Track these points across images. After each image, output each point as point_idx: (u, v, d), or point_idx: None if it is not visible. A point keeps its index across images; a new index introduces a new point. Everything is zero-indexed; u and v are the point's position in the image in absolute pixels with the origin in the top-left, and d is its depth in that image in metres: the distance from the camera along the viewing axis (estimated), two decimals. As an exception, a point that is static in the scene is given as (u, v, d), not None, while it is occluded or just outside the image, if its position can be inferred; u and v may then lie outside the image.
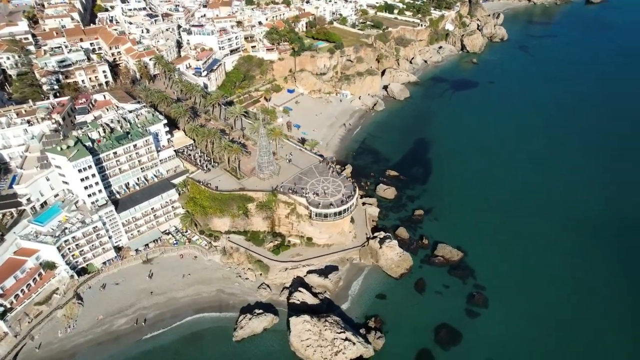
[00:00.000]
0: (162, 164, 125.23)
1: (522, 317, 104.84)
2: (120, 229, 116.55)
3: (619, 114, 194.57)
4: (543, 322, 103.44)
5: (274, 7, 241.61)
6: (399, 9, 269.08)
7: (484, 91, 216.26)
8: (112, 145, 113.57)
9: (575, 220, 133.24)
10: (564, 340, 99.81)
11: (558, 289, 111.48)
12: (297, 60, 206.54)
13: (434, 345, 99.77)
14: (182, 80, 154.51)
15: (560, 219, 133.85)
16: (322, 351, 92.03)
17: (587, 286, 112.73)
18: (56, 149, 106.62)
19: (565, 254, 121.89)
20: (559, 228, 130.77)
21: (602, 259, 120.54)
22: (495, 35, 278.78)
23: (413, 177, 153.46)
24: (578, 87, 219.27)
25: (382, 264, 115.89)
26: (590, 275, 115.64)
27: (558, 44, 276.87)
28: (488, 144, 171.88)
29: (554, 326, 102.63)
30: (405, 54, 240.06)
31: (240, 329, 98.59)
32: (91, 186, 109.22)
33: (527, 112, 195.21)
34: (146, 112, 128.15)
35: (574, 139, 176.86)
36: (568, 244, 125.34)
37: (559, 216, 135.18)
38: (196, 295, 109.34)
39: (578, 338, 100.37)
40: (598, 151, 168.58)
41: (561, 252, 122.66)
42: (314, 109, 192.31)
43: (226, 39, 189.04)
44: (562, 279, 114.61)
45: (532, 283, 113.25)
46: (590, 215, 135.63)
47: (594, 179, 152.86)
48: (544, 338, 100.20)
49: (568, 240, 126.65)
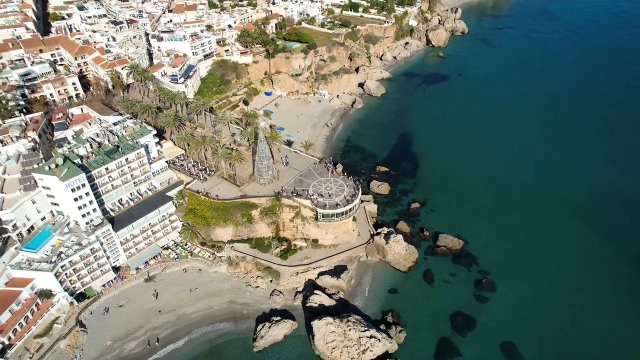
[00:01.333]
0: (154, 176, 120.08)
1: (529, 296, 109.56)
2: (118, 248, 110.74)
3: (580, 95, 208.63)
4: (549, 298, 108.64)
5: (241, 9, 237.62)
6: (363, 7, 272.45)
7: (455, 83, 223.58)
8: (102, 160, 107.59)
9: (561, 198, 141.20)
10: (572, 312, 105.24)
11: (558, 265, 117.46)
12: (272, 62, 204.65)
13: (451, 333, 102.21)
14: (162, 88, 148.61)
15: (547, 198, 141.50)
16: (349, 351, 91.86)
17: (584, 259, 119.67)
18: (43, 168, 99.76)
19: (558, 231, 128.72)
20: (547, 206, 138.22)
21: (594, 232, 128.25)
22: (457, 29, 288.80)
23: (403, 172, 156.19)
24: (540, 74, 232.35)
25: (390, 259, 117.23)
26: (585, 249, 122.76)
27: (515, 35, 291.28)
28: (467, 133, 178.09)
29: (560, 301, 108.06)
30: (375, 51, 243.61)
31: (261, 339, 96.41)
32: (85, 206, 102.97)
33: (498, 100, 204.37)
34: (132, 124, 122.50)
35: (545, 120, 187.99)
36: (559, 220, 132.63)
37: (546, 195, 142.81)
38: (207, 309, 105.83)
39: (584, 307, 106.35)
40: (571, 129, 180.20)
41: (554, 229, 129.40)
42: (295, 110, 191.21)
43: (199, 44, 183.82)
44: (560, 255, 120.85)
45: (532, 262, 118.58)
46: (574, 191, 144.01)
47: (571, 157, 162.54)
48: (553, 313, 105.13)
49: (558, 216, 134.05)
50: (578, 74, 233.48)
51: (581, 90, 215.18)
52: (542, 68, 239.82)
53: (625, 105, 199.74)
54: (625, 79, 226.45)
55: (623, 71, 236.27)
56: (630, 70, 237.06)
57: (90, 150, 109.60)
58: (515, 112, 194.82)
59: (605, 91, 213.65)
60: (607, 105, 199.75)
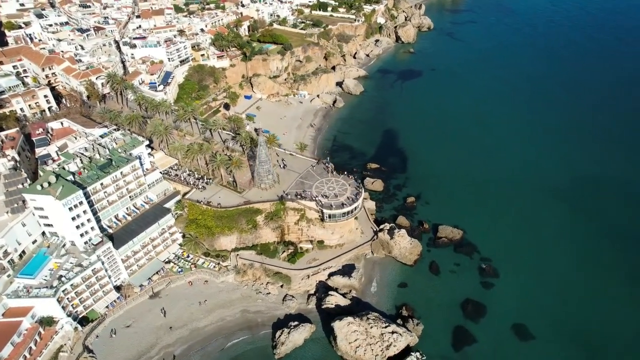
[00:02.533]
0: (150, 189, 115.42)
1: (531, 278, 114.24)
2: (120, 266, 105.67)
3: (543, 83, 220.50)
4: (550, 279, 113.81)
5: (211, 12, 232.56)
6: (332, 6, 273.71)
7: (429, 78, 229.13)
8: (97, 175, 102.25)
9: (544, 182, 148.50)
10: (574, 290, 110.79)
11: (554, 247, 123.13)
12: (249, 65, 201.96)
13: (464, 320, 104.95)
14: (145, 97, 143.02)
15: (532, 183, 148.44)
16: (373, 349, 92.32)
17: (577, 239, 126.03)
18: (34, 188, 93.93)
19: (548, 214, 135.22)
20: (533, 191, 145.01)
21: (581, 212, 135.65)
22: (423, 25, 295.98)
23: (393, 167, 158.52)
24: (506, 65, 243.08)
25: (396, 253, 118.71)
26: (575, 230, 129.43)
27: (477, 29, 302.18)
28: (448, 125, 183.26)
29: (561, 280, 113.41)
30: (348, 50, 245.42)
31: (282, 345, 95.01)
32: (83, 224, 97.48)
33: (473, 92, 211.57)
34: (122, 135, 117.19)
35: (515, 108, 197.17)
36: (547, 203, 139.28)
37: (531, 180, 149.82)
38: (220, 320, 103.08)
39: (584, 284, 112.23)
40: (541, 117, 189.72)
41: (544, 212, 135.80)
42: (277, 113, 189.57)
43: (174, 50, 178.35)
44: (554, 237, 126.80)
45: (529, 246, 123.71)
46: (556, 175, 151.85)
47: (549, 143, 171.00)
48: (556, 292, 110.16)
49: (545, 200, 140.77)
50: (538, 64, 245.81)
51: (544, 79, 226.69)
52: (507, 59, 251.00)
53: (583, 92, 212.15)
54: (578, 67, 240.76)
55: (576, 59, 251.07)
56: (581, 57, 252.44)
57: (81, 165, 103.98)
58: (490, 102, 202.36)
59: (563, 79, 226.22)
60: (569, 93, 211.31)
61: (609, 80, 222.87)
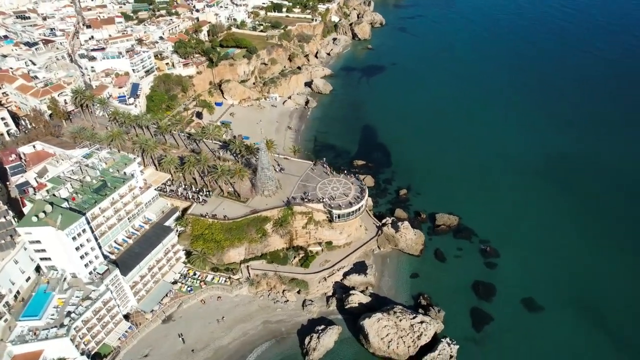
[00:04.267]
0: (147, 207, 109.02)
1: (530, 253, 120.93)
2: (128, 294, 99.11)
3: (508, 65, 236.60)
4: (548, 251, 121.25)
5: (166, 19, 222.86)
6: (286, 7, 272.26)
7: (392, 72, 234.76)
8: (93, 199, 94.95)
9: (522, 161, 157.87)
10: (571, 258, 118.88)
11: (545, 220, 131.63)
12: (215, 71, 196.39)
13: (479, 302, 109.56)
14: (123, 112, 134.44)
15: (511, 163, 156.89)
16: (405, 341, 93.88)
17: (561, 210, 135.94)
18: (29, 220, 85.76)
19: (532, 190, 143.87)
20: (514, 171, 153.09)
21: (562, 186, 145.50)
22: (375, 21, 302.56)
23: (379, 162, 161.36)
24: (462, 52, 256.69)
25: (402, 246, 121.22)
26: (560, 202, 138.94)
27: (427, 23, 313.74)
28: (420, 116, 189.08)
29: (557, 251, 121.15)
30: (309, 50, 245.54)
31: (314, 351, 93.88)
32: (87, 254, 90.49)
33: (437, 82, 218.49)
34: (109, 154, 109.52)
35: (484, 93, 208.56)
36: (530, 181, 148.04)
37: (509, 160, 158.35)
38: (243, 335, 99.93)
39: (580, 252, 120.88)
40: (502, 100, 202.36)
41: (528, 190, 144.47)
42: (252, 118, 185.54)
43: (139, 60, 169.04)
44: (542, 211, 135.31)
45: (522, 223, 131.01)
46: (532, 154, 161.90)
47: (518, 124, 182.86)
48: (555, 263, 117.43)
49: (528, 178, 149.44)
50: (489, 51, 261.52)
51: (499, 66, 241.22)
52: (461, 50, 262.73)
53: (533, 75, 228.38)
54: (528, 52, 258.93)
55: (523, 45, 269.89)
56: (528, 44, 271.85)
57: (72, 190, 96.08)
58: (455, 91, 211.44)
59: (515, 63, 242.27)
60: (526, 76, 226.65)
61: (554, 63, 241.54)
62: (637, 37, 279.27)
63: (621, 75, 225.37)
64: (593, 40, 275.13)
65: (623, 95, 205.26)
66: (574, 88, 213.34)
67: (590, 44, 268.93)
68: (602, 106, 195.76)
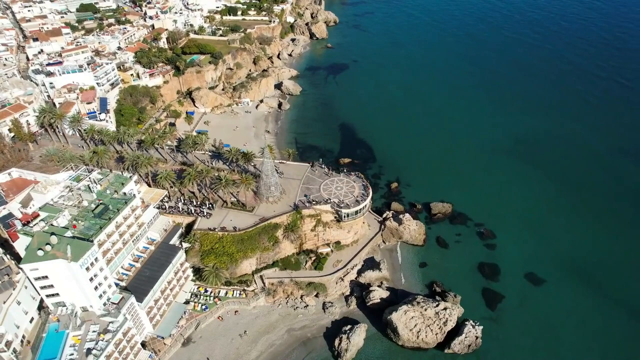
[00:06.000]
0: (149, 227, 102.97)
1: (523, 230, 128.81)
2: (144, 321, 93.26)
3: (460, 55, 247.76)
4: (540, 226, 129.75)
5: (119, 28, 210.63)
6: (241, 9, 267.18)
7: (355, 69, 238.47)
8: (98, 225, 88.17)
9: (495, 143, 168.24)
10: (563, 230, 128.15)
11: (526, 197, 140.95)
12: (182, 80, 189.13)
13: (487, 282, 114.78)
14: (102, 129, 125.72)
15: (488, 147, 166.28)
16: (432, 329, 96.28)
17: (542, 185, 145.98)
18: (34, 255, 78.26)
19: (511, 170, 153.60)
20: (493, 154, 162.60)
21: (536, 164, 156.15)
22: (329, 19, 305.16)
23: (364, 158, 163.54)
24: (417, 45, 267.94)
25: (407, 237, 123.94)
26: (537, 177, 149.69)
27: (378, 19, 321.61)
28: (392, 109, 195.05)
29: (548, 225, 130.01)
30: (271, 51, 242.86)
31: (346, 352, 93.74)
32: (101, 284, 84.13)
33: (400, 75, 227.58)
34: (99, 175, 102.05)
35: (446, 80, 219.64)
36: (508, 163, 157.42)
37: (484, 144, 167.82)
38: (270, 347, 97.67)
39: (570, 224, 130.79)
40: (473, 87, 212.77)
41: (507, 168, 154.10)
42: (228, 125, 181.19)
43: (103, 73, 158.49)
44: (523, 189, 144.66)
45: (508, 201, 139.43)
46: (504, 137, 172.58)
47: (487, 109, 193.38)
48: (549, 237, 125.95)
49: (504, 158, 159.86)
50: (444, 42, 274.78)
51: (455, 55, 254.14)
52: (416, 42, 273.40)
53: (490, 62, 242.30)
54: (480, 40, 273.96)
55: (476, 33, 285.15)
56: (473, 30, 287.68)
57: (71, 217, 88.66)
58: (418, 82, 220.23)
59: (464, 53, 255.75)
60: (483, 64, 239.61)
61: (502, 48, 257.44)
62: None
63: (569, 62, 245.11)
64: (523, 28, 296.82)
65: (568, 80, 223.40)
66: (523, 74, 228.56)
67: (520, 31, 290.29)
68: (550, 90, 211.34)
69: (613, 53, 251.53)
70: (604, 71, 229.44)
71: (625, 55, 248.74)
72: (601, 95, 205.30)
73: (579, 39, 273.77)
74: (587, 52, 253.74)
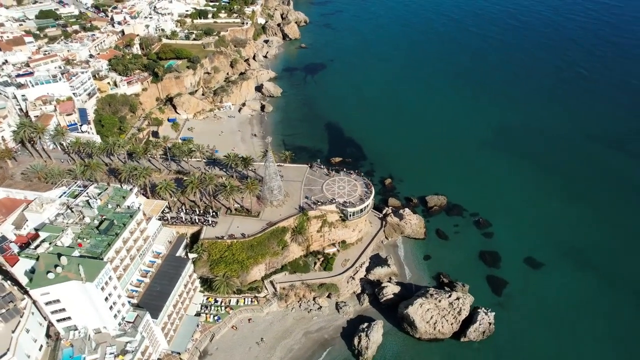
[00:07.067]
0: (154, 240, 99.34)
1: (517, 216, 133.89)
2: (159, 337, 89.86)
3: (431, 48, 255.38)
4: (533, 211, 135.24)
5: (88, 35, 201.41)
6: (212, 12, 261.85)
7: (333, 68, 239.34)
8: (106, 241, 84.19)
9: (479, 135, 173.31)
10: (556, 213, 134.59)
11: (518, 184, 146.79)
12: (161, 86, 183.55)
13: (490, 269, 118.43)
14: (86, 141, 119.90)
15: (471, 138, 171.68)
16: (447, 319, 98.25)
17: (528, 172, 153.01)
18: (44, 279, 73.82)
19: (498, 159, 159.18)
20: (476, 143, 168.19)
21: (519, 153, 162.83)
22: (300, 20, 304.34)
23: (354, 156, 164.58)
24: (388, 42, 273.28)
25: (409, 232, 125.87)
26: (523, 166, 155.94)
27: (348, 17, 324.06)
28: (376, 105, 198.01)
29: (542, 209, 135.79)
30: (247, 54, 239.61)
31: (367, 350, 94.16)
32: (115, 303, 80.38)
33: (377, 72, 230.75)
34: (96, 189, 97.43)
35: (421, 75, 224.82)
36: (493, 152, 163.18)
37: (468, 136, 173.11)
38: (289, 352, 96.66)
39: (562, 206, 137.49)
40: (450, 80, 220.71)
41: (494, 158, 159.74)
42: (212, 130, 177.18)
43: (79, 82, 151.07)
44: (511, 177, 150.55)
45: (499, 190, 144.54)
46: (485, 129, 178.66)
47: (464, 102, 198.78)
48: (543, 220, 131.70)
49: (491, 148, 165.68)
50: (413, 38, 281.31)
51: (426, 49, 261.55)
52: (389, 39, 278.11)
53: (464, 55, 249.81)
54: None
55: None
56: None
57: (74, 235, 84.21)
58: (397, 78, 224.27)
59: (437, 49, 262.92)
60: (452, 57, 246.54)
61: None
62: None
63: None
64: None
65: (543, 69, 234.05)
66: (491, 69, 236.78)
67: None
68: (519, 83, 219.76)
69: (570, 45, 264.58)
70: (565, 63, 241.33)
71: (582, 47, 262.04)
72: (565, 87, 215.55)
73: (537, 33, 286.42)
74: (547, 45, 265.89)
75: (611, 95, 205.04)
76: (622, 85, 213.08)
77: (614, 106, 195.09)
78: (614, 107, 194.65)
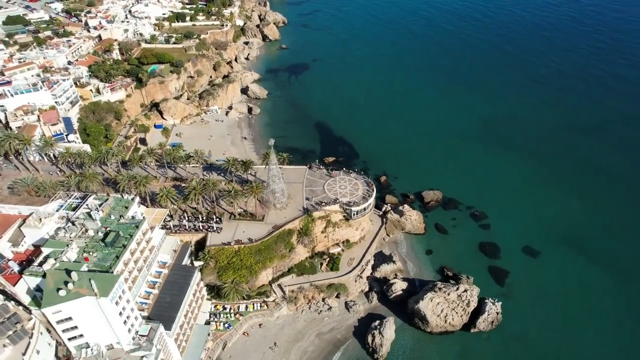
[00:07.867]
0: (159, 250, 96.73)
1: (512, 207, 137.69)
2: (172, 349, 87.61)
3: (409, 45, 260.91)
4: (527, 201, 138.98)
5: (63, 41, 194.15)
6: (189, 15, 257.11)
7: (316, 68, 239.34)
8: (114, 254, 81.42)
9: (466, 129, 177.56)
10: (550, 202, 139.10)
11: (508, 175, 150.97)
12: (145, 92, 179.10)
13: (491, 260, 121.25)
14: (77, 151, 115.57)
15: (458, 132, 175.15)
16: (457, 311, 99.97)
17: (516, 162, 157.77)
18: (55, 296, 70.87)
19: (488, 152, 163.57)
20: (462, 137, 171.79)
21: (506, 144, 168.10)
22: (278, 20, 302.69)
23: (347, 155, 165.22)
24: (368, 40, 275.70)
25: (409, 228, 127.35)
26: (510, 157, 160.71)
27: (326, 16, 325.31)
28: (362, 103, 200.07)
29: (535, 198, 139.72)
30: (228, 56, 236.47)
31: (381, 347, 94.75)
32: (129, 317, 77.91)
33: (360, 70, 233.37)
34: (96, 200, 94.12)
35: (403, 72, 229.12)
36: (484, 146, 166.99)
37: (455, 130, 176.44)
38: (304, 354, 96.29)
39: (556, 195, 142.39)
40: (433, 75, 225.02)
41: (483, 152, 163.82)
42: (201, 135, 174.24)
43: (61, 90, 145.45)
44: (503, 167, 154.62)
45: (490, 182, 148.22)
46: (473, 122, 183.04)
47: (447, 98, 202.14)
48: (537, 210, 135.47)
49: (477, 141, 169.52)
50: (394, 35, 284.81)
51: (407, 46, 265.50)
52: (369, 37, 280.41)
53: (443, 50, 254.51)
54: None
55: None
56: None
57: (78, 249, 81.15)
58: (381, 75, 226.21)
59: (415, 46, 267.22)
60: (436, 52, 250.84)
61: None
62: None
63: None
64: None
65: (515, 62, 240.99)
66: (466, 64, 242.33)
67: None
68: (495, 77, 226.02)
69: (541, 41, 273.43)
70: (537, 58, 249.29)
71: (551, 42, 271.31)
72: (538, 79, 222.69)
73: (508, 29, 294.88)
74: (517, 40, 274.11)
75: (581, 87, 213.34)
76: (590, 78, 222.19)
77: (586, 98, 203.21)
78: (586, 99, 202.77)
